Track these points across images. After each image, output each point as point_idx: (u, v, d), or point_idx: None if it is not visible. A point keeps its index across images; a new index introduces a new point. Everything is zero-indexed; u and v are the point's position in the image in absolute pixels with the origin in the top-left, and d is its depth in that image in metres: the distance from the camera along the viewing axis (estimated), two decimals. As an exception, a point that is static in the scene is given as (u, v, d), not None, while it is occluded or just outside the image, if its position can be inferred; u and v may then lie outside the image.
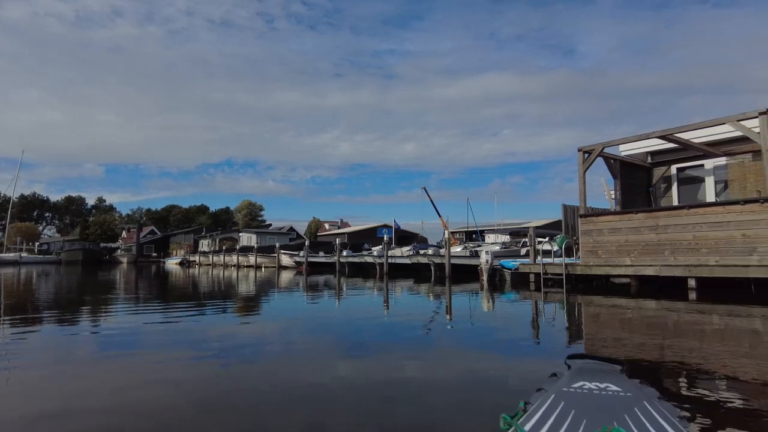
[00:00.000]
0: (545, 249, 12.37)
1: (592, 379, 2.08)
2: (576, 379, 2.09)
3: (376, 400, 2.96)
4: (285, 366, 3.95)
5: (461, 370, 3.78)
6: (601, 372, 2.25)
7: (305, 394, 3.09)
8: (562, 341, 5.17)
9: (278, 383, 3.39)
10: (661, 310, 7.36)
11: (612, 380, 2.05)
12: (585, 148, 11.09)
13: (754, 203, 8.38)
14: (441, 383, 3.37)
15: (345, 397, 3.01)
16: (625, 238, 10.06)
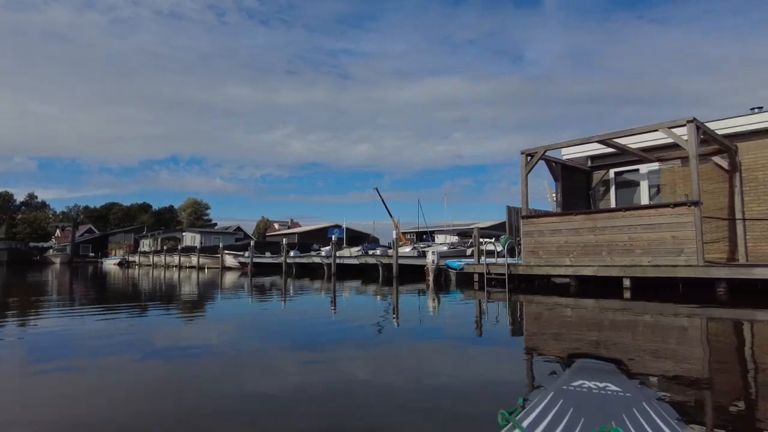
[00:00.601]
0: (490, 249, 12.55)
1: (592, 378, 2.07)
2: (575, 378, 2.08)
3: (328, 402, 2.85)
4: (232, 370, 3.76)
5: (412, 369, 3.73)
6: (600, 371, 2.24)
7: (254, 398, 2.95)
8: (505, 339, 5.23)
9: (225, 388, 3.21)
10: (598, 309, 7.55)
11: (611, 380, 2.05)
12: (528, 151, 11.32)
13: (683, 206, 8.80)
14: (393, 383, 3.31)
15: (296, 401, 2.89)
16: (565, 239, 10.33)
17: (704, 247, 8.84)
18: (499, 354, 4.43)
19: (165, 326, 6.55)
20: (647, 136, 11.34)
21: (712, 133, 10.00)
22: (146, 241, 49.36)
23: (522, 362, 4.08)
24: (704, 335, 5.40)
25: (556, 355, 4.19)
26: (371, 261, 17.56)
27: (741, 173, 10.95)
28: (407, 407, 2.72)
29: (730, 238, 10.90)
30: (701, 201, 8.90)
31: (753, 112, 11.13)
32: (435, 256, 13.05)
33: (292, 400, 2.88)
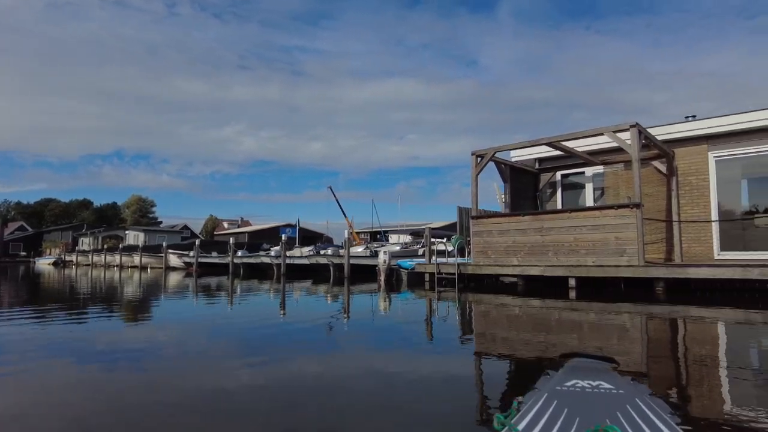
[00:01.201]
0: (442, 249, 12.59)
1: (585, 377, 2.08)
2: (569, 378, 2.09)
3: (281, 406, 2.71)
4: (177, 374, 3.52)
5: (364, 369, 3.66)
6: (593, 370, 2.25)
7: (202, 403, 2.79)
8: (455, 338, 5.21)
9: (170, 393, 3.01)
10: (544, 308, 7.65)
11: (604, 378, 2.06)
12: (478, 152, 11.41)
13: (625, 208, 9.09)
14: (345, 384, 3.21)
15: (248, 404, 2.74)
16: (513, 240, 10.47)
17: (645, 247, 9.17)
18: (449, 352, 4.39)
19: (103, 329, 6.08)
20: (593, 140, 11.70)
21: (653, 138, 10.41)
22: (86, 240, 46.80)
23: (470, 361, 4.05)
24: (644, 332, 5.55)
25: (505, 354, 4.18)
26: (322, 261, 17.27)
27: (677, 177, 11.48)
28: (360, 407, 2.68)
29: (668, 239, 11.40)
30: (643, 203, 9.22)
31: (687, 120, 11.69)
32: (387, 256, 12.96)
33: (241, 404, 2.74)
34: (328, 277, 15.95)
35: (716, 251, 10.87)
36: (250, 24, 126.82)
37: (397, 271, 13.22)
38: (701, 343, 4.88)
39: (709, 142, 11.25)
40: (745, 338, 5.17)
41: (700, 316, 6.63)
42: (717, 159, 11.19)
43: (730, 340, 5.04)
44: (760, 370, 3.64)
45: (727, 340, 5.03)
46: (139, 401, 2.82)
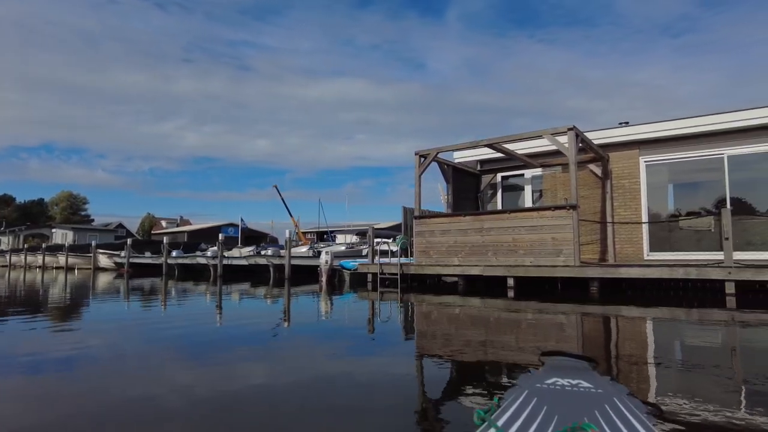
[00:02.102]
0: (386, 249, 12.44)
1: (565, 375, 2.10)
2: (549, 376, 2.11)
3: (218, 413, 2.56)
4: (110, 381, 3.28)
5: (304, 372, 3.51)
6: (573, 369, 2.28)
7: (138, 410, 2.65)
8: (396, 339, 5.11)
9: (104, 401, 2.82)
10: (484, 308, 7.66)
11: (584, 377, 2.09)
12: (421, 152, 11.36)
13: (562, 209, 9.28)
14: (287, 388, 3.08)
15: (181, 412, 2.62)
16: (454, 240, 10.47)
17: (580, 248, 9.40)
18: (389, 353, 4.30)
19: (23, 336, 5.46)
20: (532, 143, 11.94)
21: (589, 141, 10.72)
22: (4, 239, 43.29)
23: (412, 361, 3.98)
24: (579, 330, 5.65)
25: (445, 354, 4.11)
26: (261, 262, 16.70)
27: (611, 180, 11.92)
28: (301, 411, 2.60)
29: (602, 240, 11.80)
30: (579, 205, 9.45)
31: (621, 126, 12.17)
32: (329, 257, 12.66)
33: (174, 412, 2.62)
34: (268, 278, 15.43)
35: (646, 252, 11.37)
36: (195, 16, 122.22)
37: (340, 271, 12.95)
38: (634, 341, 4.99)
39: (640, 147, 11.76)
40: (674, 335, 5.32)
41: (631, 315, 6.81)
42: (647, 164, 11.70)
43: (659, 337, 5.17)
44: (690, 365, 3.71)
45: (656, 337, 5.15)
46: (66, 411, 2.63)
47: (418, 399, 2.86)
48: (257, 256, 17.39)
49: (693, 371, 3.57)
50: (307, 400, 2.77)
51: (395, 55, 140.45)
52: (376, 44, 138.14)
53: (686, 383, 3.18)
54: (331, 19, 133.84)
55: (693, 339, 5.05)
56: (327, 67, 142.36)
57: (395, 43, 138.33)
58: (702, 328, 5.63)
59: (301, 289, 11.48)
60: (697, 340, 4.96)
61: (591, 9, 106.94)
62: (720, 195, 10.85)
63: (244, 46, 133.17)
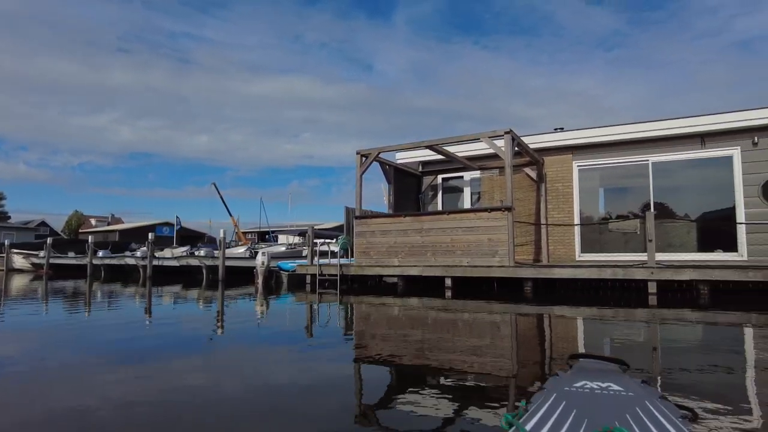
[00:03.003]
0: (330, 250, 12.19)
1: (594, 378, 2.04)
2: (578, 379, 2.05)
3: (158, 424, 2.46)
4: (36, 390, 3.05)
5: (244, 379, 3.37)
6: (603, 371, 2.22)
7: (65, 420, 2.50)
8: (335, 342, 4.95)
9: (27, 411, 2.63)
10: (422, 308, 7.65)
11: (614, 380, 2.02)
12: (363, 152, 11.24)
13: (498, 211, 9.43)
14: (227, 395, 2.95)
15: (113, 422, 2.48)
16: (394, 240, 10.42)
17: (515, 249, 9.60)
18: (329, 357, 4.17)
19: None
20: (471, 146, 12.12)
21: (525, 145, 11.00)
22: None
23: (351, 365, 3.92)
24: (514, 329, 5.75)
25: (384, 356, 4.03)
26: (194, 263, 15.97)
27: (546, 184, 12.30)
28: (239, 415, 2.56)
29: (536, 241, 12.15)
30: (514, 207, 9.64)
31: (556, 132, 12.60)
32: (265, 258, 12.24)
33: (106, 422, 2.49)
34: (201, 280, 14.77)
35: (578, 253, 11.81)
36: (133, 4, 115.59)
37: (277, 273, 12.57)
38: (565, 339, 5.09)
39: (573, 152, 12.20)
40: (603, 333, 5.47)
41: (562, 315, 6.99)
42: (580, 168, 12.17)
43: (589, 335, 5.30)
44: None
45: (586, 336, 5.28)
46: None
47: (358, 403, 2.80)
48: (189, 257, 16.59)
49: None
50: (248, 407, 2.68)
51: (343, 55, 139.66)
52: (324, 42, 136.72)
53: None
54: (279, 14, 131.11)
55: (619, 336, 5.21)
56: (273, 63, 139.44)
57: (343, 43, 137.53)
58: (628, 325, 5.84)
59: (236, 292, 11.04)
60: (623, 338, 5.12)
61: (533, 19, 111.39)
62: (646, 199, 11.45)
63: (185, 39, 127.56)
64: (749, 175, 10.45)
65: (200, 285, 13.29)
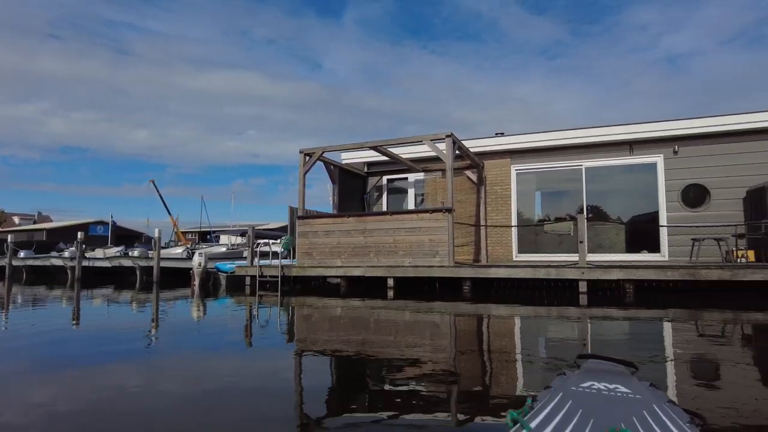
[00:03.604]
0: (273, 251, 11.94)
1: (602, 379, 2.02)
2: (585, 379, 2.03)
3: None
4: None
5: (181, 386, 3.25)
6: (610, 372, 2.19)
7: None
8: (275, 344, 4.86)
9: None
10: (364, 308, 7.65)
11: (621, 381, 2.00)
12: (306, 151, 11.10)
13: (439, 212, 9.59)
14: (166, 403, 2.86)
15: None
16: (337, 241, 10.35)
17: (455, 249, 9.79)
18: (268, 361, 4.10)
19: None
20: (416, 148, 12.25)
21: (466, 149, 11.24)
22: None
23: (290, 366, 3.85)
24: (452, 328, 5.85)
25: (326, 357, 4.00)
26: (127, 263, 15.20)
27: (486, 186, 12.63)
28: (184, 427, 2.48)
29: (476, 242, 12.45)
30: (454, 208, 9.83)
31: (496, 136, 12.97)
32: (203, 258, 11.83)
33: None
34: (135, 281, 14.08)
35: (515, 253, 12.21)
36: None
37: (216, 274, 12.17)
38: (501, 336, 5.25)
39: (512, 156, 12.61)
40: (537, 330, 5.67)
41: (498, 313, 7.19)
42: (518, 172, 12.59)
43: (525, 333, 5.47)
44: (539, 356, 3.91)
45: (522, 334, 5.45)
46: None
47: (298, 411, 2.72)
48: (122, 257, 15.76)
49: (539, 360, 3.79)
50: (182, 417, 2.59)
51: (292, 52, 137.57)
52: (272, 39, 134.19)
53: (542, 372, 3.43)
54: (226, 8, 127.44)
55: (550, 333, 5.42)
56: (219, 58, 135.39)
57: (292, 40, 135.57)
58: (560, 323, 6.08)
59: (171, 294, 10.61)
60: (555, 335, 5.33)
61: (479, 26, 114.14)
62: (580, 203, 12.00)
63: (125, 29, 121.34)
64: (671, 180, 11.19)
65: (134, 287, 12.66)
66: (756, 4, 71.93)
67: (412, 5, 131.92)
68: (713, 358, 3.89)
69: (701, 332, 5.29)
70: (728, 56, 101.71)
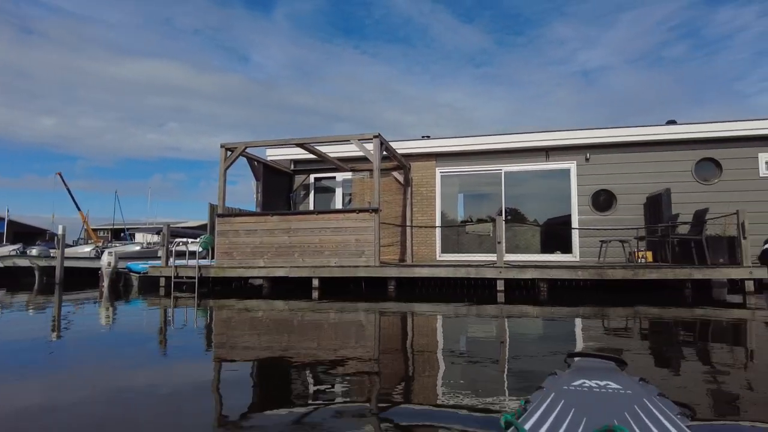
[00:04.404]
0: (190, 250, 11.32)
1: (592, 376, 2.04)
2: (576, 377, 2.04)
3: None
4: None
5: (82, 397, 2.96)
6: (601, 369, 2.21)
7: None
8: (190, 349, 4.58)
9: None
10: (288, 310, 7.46)
11: (612, 378, 2.02)
12: (228, 146, 10.66)
13: (365, 212, 9.58)
14: (79, 414, 2.64)
15: None
16: (260, 240, 10.03)
17: (382, 249, 9.83)
18: (184, 366, 3.84)
19: None
20: (344, 147, 12.18)
21: (393, 150, 11.33)
22: None
23: (209, 373, 3.65)
24: (377, 327, 5.82)
25: (245, 361, 3.85)
26: (23, 263, 13.80)
27: (412, 188, 12.82)
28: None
29: (402, 242, 12.60)
30: (381, 208, 9.87)
31: (422, 139, 13.20)
32: (112, 258, 10.99)
33: None
34: (33, 283, 12.83)
35: (438, 253, 12.49)
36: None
37: (127, 275, 11.36)
38: (423, 335, 5.30)
39: (437, 159, 12.90)
40: (457, 328, 5.78)
41: (423, 311, 7.29)
42: (442, 174, 12.89)
43: (448, 330, 5.57)
44: (460, 352, 3.98)
45: (444, 331, 5.54)
46: None
47: (217, 417, 2.59)
48: (17, 256, 14.29)
49: (463, 357, 3.86)
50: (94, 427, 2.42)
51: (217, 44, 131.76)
52: (197, 29, 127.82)
53: (467, 370, 3.48)
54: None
55: (470, 331, 5.55)
56: (138, 45, 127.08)
57: (219, 31, 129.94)
58: (478, 320, 6.26)
59: (77, 296, 9.77)
60: (472, 332, 5.47)
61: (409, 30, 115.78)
62: (500, 205, 12.50)
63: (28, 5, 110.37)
64: (582, 186, 11.96)
65: (31, 289, 11.53)
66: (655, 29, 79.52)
67: (344, 4, 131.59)
68: (617, 350, 4.16)
69: (606, 327, 5.67)
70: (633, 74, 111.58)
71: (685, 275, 8.28)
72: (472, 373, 3.49)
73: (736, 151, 11.17)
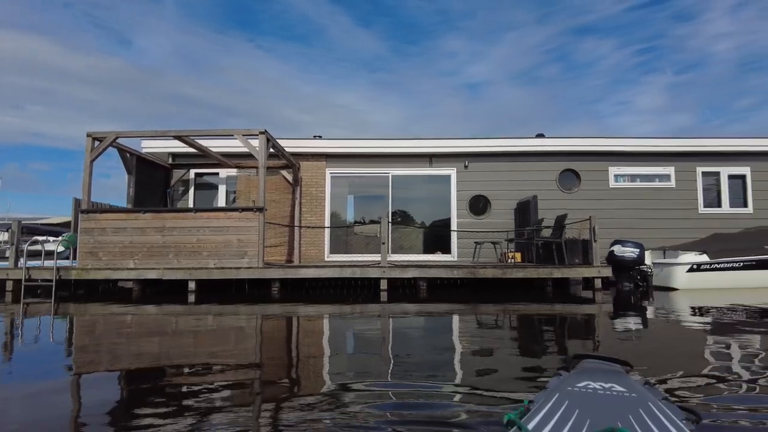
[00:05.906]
0: (50, 250, 10.01)
1: (597, 378, 2.03)
2: (581, 379, 2.03)
3: None
4: None
5: None
6: (606, 372, 2.18)
7: None
8: (43, 365, 3.99)
9: None
10: (160, 315, 6.94)
11: (617, 380, 2.01)
12: (95, 135, 9.66)
13: (249, 212, 9.26)
14: None
15: None
16: (130, 239, 9.23)
17: (267, 250, 9.57)
18: (36, 385, 3.35)
19: None
20: (228, 142, 11.65)
21: (281, 148, 11.10)
22: None
23: (66, 389, 3.23)
24: (257, 330, 5.66)
25: (109, 376, 3.50)
26: None
27: (301, 187, 12.67)
28: None
29: (290, 242, 12.39)
30: (266, 208, 9.61)
31: (313, 139, 13.12)
32: (-57, 258, 9.39)
33: None
34: None
35: (327, 254, 12.49)
36: None
37: (-37, 278, 9.77)
38: (305, 335, 5.27)
39: (327, 160, 12.90)
40: (340, 327, 5.81)
41: (306, 313, 7.22)
42: (332, 175, 12.92)
43: (333, 331, 5.56)
44: (340, 349, 4.01)
45: (331, 331, 5.53)
46: None
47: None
48: None
49: (342, 356, 3.89)
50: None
51: (94, 22, 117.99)
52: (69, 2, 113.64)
53: (347, 365, 3.49)
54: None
55: (355, 329, 5.62)
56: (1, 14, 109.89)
57: (96, 8, 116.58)
58: (361, 318, 6.36)
59: None
60: (357, 330, 5.53)
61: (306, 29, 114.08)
62: (387, 207, 12.83)
63: None
64: (461, 191, 12.72)
65: None
66: (534, 50, 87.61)
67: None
68: (488, 343, 4.49)
69: (478, 321, 6.09)
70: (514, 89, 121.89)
71: (546, 274, 9.18)
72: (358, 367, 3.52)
73: (592, 164, 12.66)
